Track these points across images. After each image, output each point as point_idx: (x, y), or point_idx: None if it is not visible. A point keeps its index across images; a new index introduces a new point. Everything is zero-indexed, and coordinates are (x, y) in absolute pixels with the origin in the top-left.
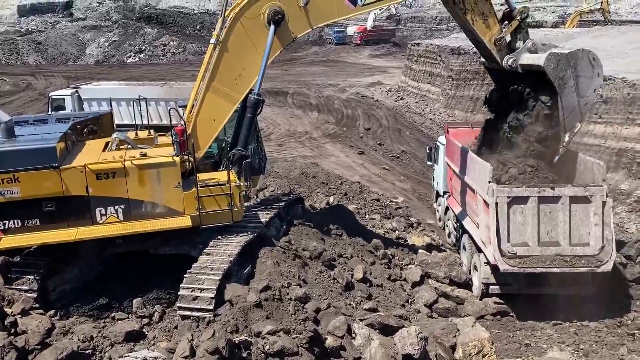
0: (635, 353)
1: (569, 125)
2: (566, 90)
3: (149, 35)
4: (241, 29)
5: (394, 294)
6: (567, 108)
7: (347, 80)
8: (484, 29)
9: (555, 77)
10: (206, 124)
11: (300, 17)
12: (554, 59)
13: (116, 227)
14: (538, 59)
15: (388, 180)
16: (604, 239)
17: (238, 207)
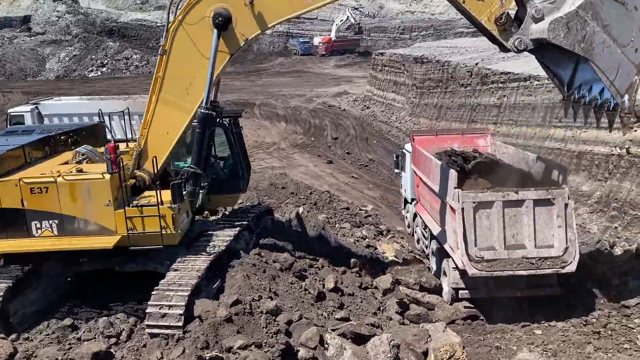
0: (601, 351)
1: (622, 86)
2: (597, 49)
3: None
4: (184, 36)
5: (366, 302)
6: (610, 68)
7: (313, 91)
8: (479, 5)
9: (573, 43)
10: (159, 138)
11: (248, 17)
12: (559, 25)
13: (49, 241)
14: (542, 32)
15: (357, 189)
16: (568, 240)
17: (171, 231)
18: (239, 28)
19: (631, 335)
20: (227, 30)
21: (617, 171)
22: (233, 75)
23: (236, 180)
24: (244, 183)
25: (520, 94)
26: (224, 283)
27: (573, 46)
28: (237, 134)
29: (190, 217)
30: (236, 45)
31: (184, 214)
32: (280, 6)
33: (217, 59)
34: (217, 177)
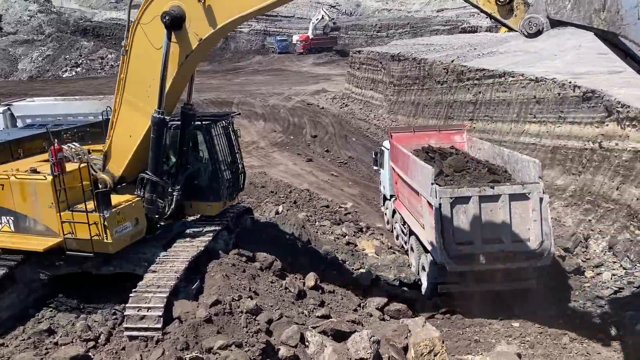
0: (576, 341)
1: None
2: (628, 18)
3: (86, 48)
4: (142, 35)
5: (346, 299)
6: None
7: (292, 89)
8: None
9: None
10: (122, 141)
11: (201, 15)
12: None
13: (4, 237)
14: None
15: (337, 187)
16: (543, 234)
17: (104, 239)
18: (193, 27)
19: (605, 326)
20: (182, 30)
21: (590, 165)
22: (210, 73)
23: (215, 188)
24: (227, 192)
25: (495, 90)
26: (203, 284)
27: (590, 20)
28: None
29: (139, 225)
30: (189, 45)
31: (127, 222)
32: (232, 3)
33: (171, 60)
34: (196, 183)
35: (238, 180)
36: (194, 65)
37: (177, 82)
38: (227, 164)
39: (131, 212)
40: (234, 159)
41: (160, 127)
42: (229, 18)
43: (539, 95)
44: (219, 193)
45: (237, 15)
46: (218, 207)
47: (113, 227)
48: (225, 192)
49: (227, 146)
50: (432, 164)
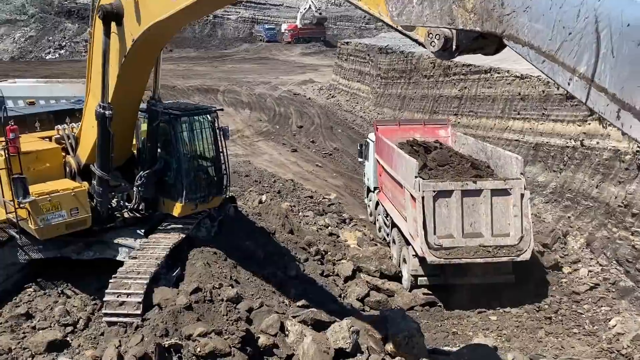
0: (552, 335)
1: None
2: (514, 5)
3: (70, 30)
4: (99, 25)
5: (327, 289)
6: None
7: (279, 78)
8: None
9: (441, 16)
10: (87, 130)
11: (132, 12)
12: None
13: None
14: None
15: (321, 177)
16: (523, 229)
17: (29, 224)
18: (127, 26)
19: (580, 320)
20: (121, 28)
21: (572, 163)
22: (197, 60)
23: (179, 188)
24: (199, 194)
25: (480, 86)
26: (184, 271)
27: (451, 17)
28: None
29: (80, 216)
30: (125, 45)
31: (60, 210)
32: (154, 6)
33: (112, 58)
34: (165, 180)
35: (219, 183)
36: (142, 66)
37: (125, 80)
38: (201, 162)
39: (68, 201)
40: (215, 159)
41: (103, 121)
42: (151, 20)
43: (523, 92)
44: (182, 193)
45: (157, 19)
46: (182, 209)
47: (39, 214)
48: (194, 193)
49: (207, 144)
50: (417, 157)
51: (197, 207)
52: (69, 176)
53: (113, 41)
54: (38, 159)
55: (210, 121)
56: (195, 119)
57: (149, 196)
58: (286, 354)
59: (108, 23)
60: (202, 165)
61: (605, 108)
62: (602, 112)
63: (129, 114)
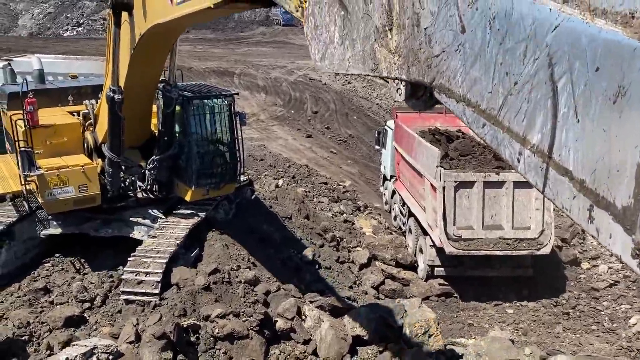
0: (569, 331)
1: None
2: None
3: (88, 8)
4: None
5: (342, 276)
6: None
7: (294, 62)
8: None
9: (366, 56)
10: (104, 112)
11: (140, 6)
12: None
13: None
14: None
15: (335, 164)
16: (544, 223)
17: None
18: (136, 18)
19: (599, 317)
20: (132, 18)
21: None
22: (213, 42)
23: (189, 173)
24: (209, 180)
25: None
26: (202, 252)
27: (374, 62)
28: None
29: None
30: (134, 38)
31: (68, 186)
32: (156, 6)
33: (122, 47)
34: (179, 163)
35: (233, 170)
36: (153, 57)
37: (137, 68)
38: (214, 148)
39: (76, 177)
40: (229, 145)
41: (113, 105)
42: (153, 20)
43: None
44: (192, 178)
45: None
46: (192, 194)
47: (46, 188)
48: (205, 179)
49: (221, 128)
50: (438, 147)
51: (208, 193)
52: (86, 152)
53: (124, 31)
54: (56, 133)
55: (227, 105)
56: (210, 102)
57: (163, 179)
58: (303, 338)
59: (118, 13)
60: (215, 150)
61: (571, 203)
62: (566, 209)
63: (143, 98)
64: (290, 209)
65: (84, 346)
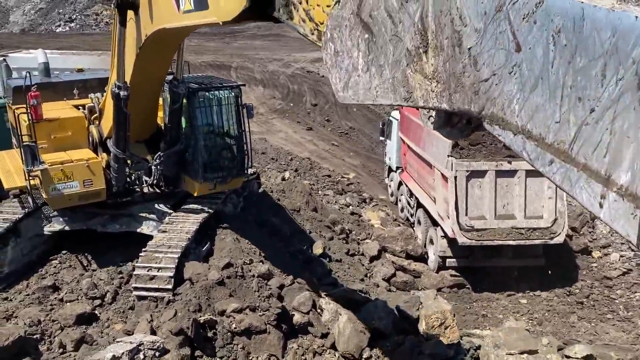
0: (584, 320)
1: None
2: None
3: (80, 3)
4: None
5: (353, 269)
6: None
7: (291, 55)
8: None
9: (397, 85)
10: (108, 107)
11: (146, 6)
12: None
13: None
14: None
15: (338, 157)
16: (557, 212)
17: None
18: (142, 18)
19: (613, 306)
20: (137, 17)
21: None
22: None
23: (195, 166)
24: (216, 174)
25: None
26: (213, 246)
27: (407, 91)
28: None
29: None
30: (140, 38)
31: (72, 181)
32: (162, 11)
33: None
34: (186, 158)
35: (240, 163)
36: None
37: (143, 66)
38: (221, 141)
39: (81, 172)
40: (237, 138)
41: (118, 101)
42: (159, 25)
43: None
44: (199, 172)
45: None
46: (199, 188)
47: (50, 183)
48: (212, 173)
49: (228, 121)
50: None
51: (215, 187)
52: (91, 146)
53: (130, 29)
54: (60, 126)
55: (233, 97)
56: (216, 94)
57: (170, 174)
58: (321, 332)
59: (124, 12)
60: (222, 143)
61: None
62: None
63: (149, 94)
64: (298, 202)
65: (129, 342)
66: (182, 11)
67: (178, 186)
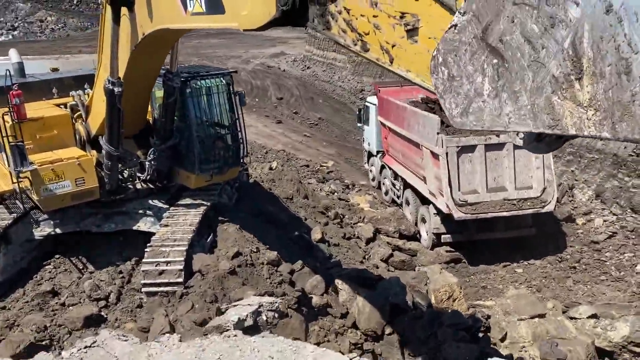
0: (580, 283)
1: None
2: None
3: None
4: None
5: (352, 252)
6: None
7: (249, 52)
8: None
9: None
10: (98, 102)
11: (144, 7)
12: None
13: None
14: None
15: (312, 147)
16: (545, 181)
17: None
18: (139, 15)
19: (605, 268)
20: (133, 14)
21: None
22: None
23: (191, 158)
24: (212, 165)
25: None
26: (216, 237)
27: (536, 121)
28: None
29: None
30: (137, 35)
31: (64, 180)
32: (164, 11)
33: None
34: (178, 149)
35: (236, 152)
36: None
37: (137, 64)
38: (215, 130)
39: (72, 170)
40: (230, 127)
41: (112, 98)
42: (158, 25)
43: None
44: (195, 164)
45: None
46: (195, 180)
47: (41, 184)
48: (208, 164)
49: (221, 110)
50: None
51: (212, 178)
52: (79, 144)
53: (124, 25)
54: (45, 126)
55: (225, 85)
56: (207, 82)
57: (163, 169)
58: (340, 312)
59: (117, 9)
60: (216, 133)
61: None
62: None
63: (143, 89)
64: (289, 190)
65: (248, 305)
66: (190, 13)
67: (172, 180)
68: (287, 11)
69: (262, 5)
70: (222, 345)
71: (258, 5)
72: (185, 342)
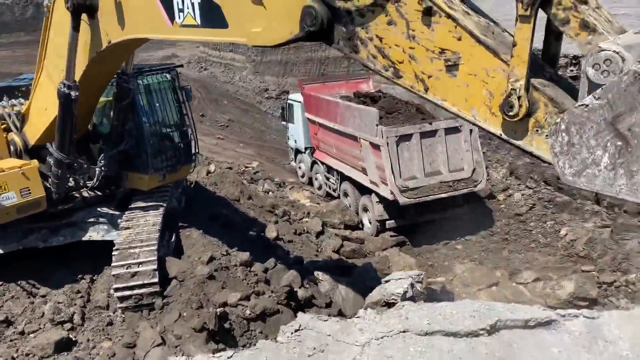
0: (515, 252)
1: None
2: None
3: None
4: (63, 13)
5: (305, 246)
6: None
7: (137, 56)
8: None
9: None
10: (38, 111)
11: (112, 11)
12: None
13: None
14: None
15: (229, 149)
16: (474, 162)
17: None
18: (104, 23)
19: (532, 237)
20: (94, 21)
21: None
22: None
23: (144, 158)
24: (165, 163)
25: None
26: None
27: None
28: (168, 97)
29: (32, 197)
30: (100, 43)
31: (9, 192)
32: (142, 20)
33: (81, 50)
34: (128, 153)
35: (187, 149)
36: (116, 58)
37: (95, 69)
38: (164, 128)
39: (16, 181)
40: (179, 123)
41: (67, 102)
42: (132, 34)
43: None
44: (147, 164)
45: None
46: (148, 181)
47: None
48: (160, 163)
49: (168, 106)
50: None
51: (165, 177)
52: (14, 155)
53: (83, 32)
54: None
55: (170, 80)
56: (152, 79)
57: (111, 174)
58: (325, 302)
59: (78, 17)
60: (165, 130)
61: None
62: None
63: (95, 92)
64: (234, 192)
65: (400, 279)
66: (179, 25)
67: (120, 186)
68: (312, 32)
69: (283, 24)
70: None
71: (277, 22)
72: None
